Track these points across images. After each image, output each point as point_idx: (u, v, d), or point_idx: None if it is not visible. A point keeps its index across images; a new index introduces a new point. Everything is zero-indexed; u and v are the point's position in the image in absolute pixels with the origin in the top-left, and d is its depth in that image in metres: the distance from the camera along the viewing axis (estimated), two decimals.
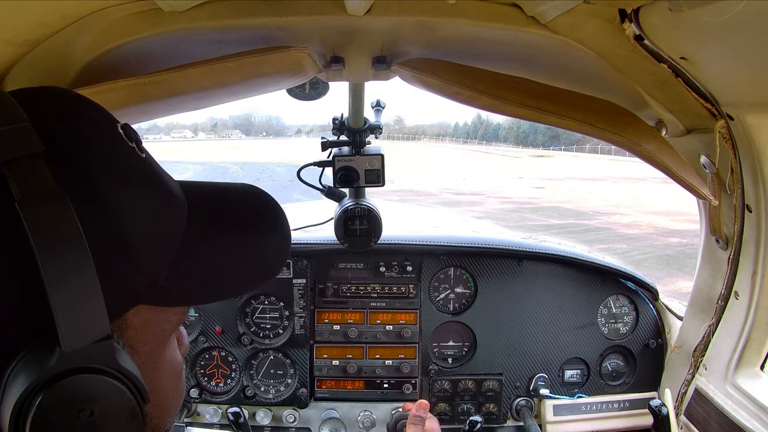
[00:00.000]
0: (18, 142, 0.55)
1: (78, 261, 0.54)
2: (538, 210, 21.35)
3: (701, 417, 1.65)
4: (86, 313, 0.55)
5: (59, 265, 0.53)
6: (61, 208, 0.54)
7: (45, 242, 0.53)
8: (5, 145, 0.55)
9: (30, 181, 0.54)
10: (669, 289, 9.18)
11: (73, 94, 0.70)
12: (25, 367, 0.54)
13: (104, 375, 0.57)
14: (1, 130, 0.55)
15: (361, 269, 2.12)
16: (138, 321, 0.66)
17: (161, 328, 0.71)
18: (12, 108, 0.58)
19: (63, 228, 0.54)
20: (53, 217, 0.54)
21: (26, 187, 0.54)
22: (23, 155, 0.55)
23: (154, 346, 0.71)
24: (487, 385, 2.11)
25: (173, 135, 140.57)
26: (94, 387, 0.56)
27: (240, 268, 0.78)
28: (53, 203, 0.54)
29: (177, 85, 1.16)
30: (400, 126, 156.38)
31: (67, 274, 0.53)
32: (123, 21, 1.08)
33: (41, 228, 0.53)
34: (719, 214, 1.48)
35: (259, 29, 1.16)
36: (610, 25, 1.08)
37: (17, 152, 0.55)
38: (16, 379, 0.54)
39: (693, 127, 1.34)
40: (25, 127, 0.57)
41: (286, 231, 0.84)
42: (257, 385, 2.13)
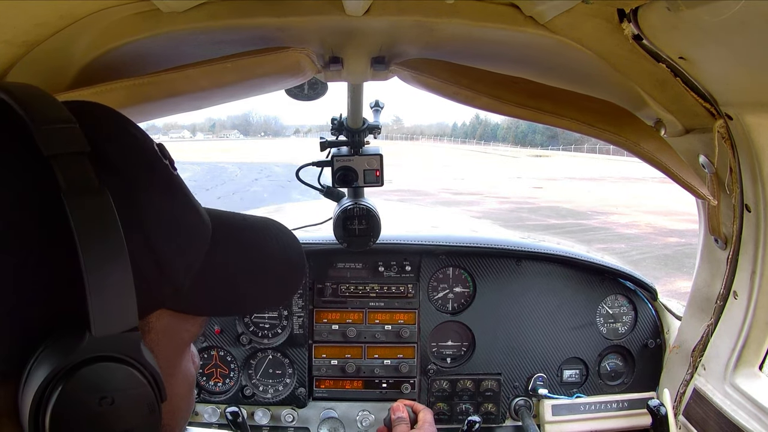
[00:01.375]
0: (67, 139, 0.59)
1: (114, 252, 0.57)
2: (537, 210, 21.38)
3: (700, 417, 1.65)
4: (118, 301, 0.57)
5: (97, 252, 0.55)
6: (103, 202, 0.57)
7: (86, 231, 0.55)
8: (56, 141, 0.58)
9: (76, 175, 0.57)
10: (668, 289, 9.22)
11: (111, 110, 0.74)
12: (53, 350, 0.56)
13: (128, 366, 0.58)
14: (53, 127, 0.59)
15: (359, 269, 2.12)
16: (159, 326, 0.68)
17: (180, 336, 0.73)
18: (61, 110, 0.62)
19: (103, 220, 0.57)
20: (95, 210, 0.57)
21: (72, 180, 0.57)
22: (71, 152, 0.59)
23: (172, 353, 0.72)
24: (486, 384, 2.11)
25: (171, 135, 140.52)
26: (117, 376, 0.58)
27: (258, 288, 0.82)
28: (96, 197, 0.57)
29: (176, 85, 1.16)
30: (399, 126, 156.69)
31: (103, 262, 0.56)
32: (122, 22, 1.08)
33: (84, 217, 0.56)
34: (718, 214, 1.49)
35: (258, 30, 1.16)
36: (609, 25, 1.08)
37: (66, 148, 0.58)
38: (42, 361, 0.55)
39: (692, 127, 1.34)
40: (73, 127, 0.60)
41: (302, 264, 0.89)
42: (256, 385, 2.13)
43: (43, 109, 0.61)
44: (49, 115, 0.60)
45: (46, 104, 0.62)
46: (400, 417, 1.58)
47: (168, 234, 0.67)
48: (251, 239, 0.83)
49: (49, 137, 0.58)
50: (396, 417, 1.58)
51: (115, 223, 0.57)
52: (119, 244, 0.57)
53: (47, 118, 0.59)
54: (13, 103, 0.60)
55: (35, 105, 0.61)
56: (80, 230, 0.55)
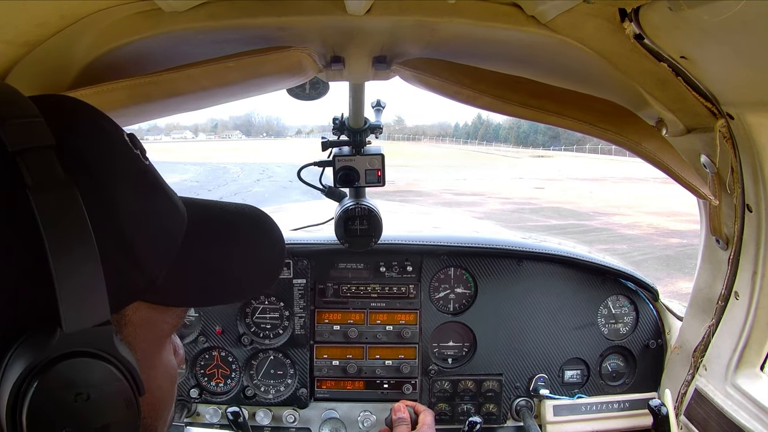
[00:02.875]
0: (31, 133, 0.58)
1: (83, 247, 0.56)
2: (538, 210, 21.34)
3: (701, 417, 1.65)
4: (88, 296, 0.56)
5: (65, 248, 0.55)
6: (70, 197, 0.57)
7: (53, 226, 0.55)
8: (20, 136, 0.58)
9: (41, 169, 0.57)
10: (669, 290, 9.19)
11: (78, 101, 0.73)
12: (26, 347, 0.56)
13: (102, 360, 0.58)
14: (17, 122, 0.58)
15: (361, 269, 2.12)
16: (136, 318, 0.67)
17: (159, 328, 0.73)
18: (25, 103, 0.61)
19: (71, 215, 0.56)
20: (62, 204, 0.56)
21: (37, 175, 0.56)
22: (36, 146, 0.58)
23: (151, 345, 0.72)
24: (487, 385, 2.11)
25: (173, 136, 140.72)
26: (91, 371, 0.57)
27: (237, 275, 0.81)
28: (62, 191, 0.57)
29: (177, 85, 1.16)
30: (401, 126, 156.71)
31: (71, 258, 0.55)
32: (123, 21, 1.08)
33: (50, 213, 0.55)
34: (719, 214, 1.48)
35: (259, 29, 1.16)
36: (610, 25, 1.08)
37: (31, 143, 0.58)
38: (16, 359, 0.55)
39: (693, 127, 1.34)
40: (38, 121, 0.60)
41: (281, 242, 0.88)
42: (257, 386, 2.13)
43: (7, 104, 0.60)
44: (14, 109, 0.60)
45: (11, 99, 0.62)
46: (401, 417, 1.58)
47: (141, 225, 0.67)
48: (227, 225, 0.82)
49: (13, 132, 0.58)
50: (397, 417, 1.58)
51: (83, 217, 0.57)
52: (87, 239, 0.56)
53: (12, 113, 0.59)
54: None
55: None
56: (46, 225, 0.55)
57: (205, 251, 0.77)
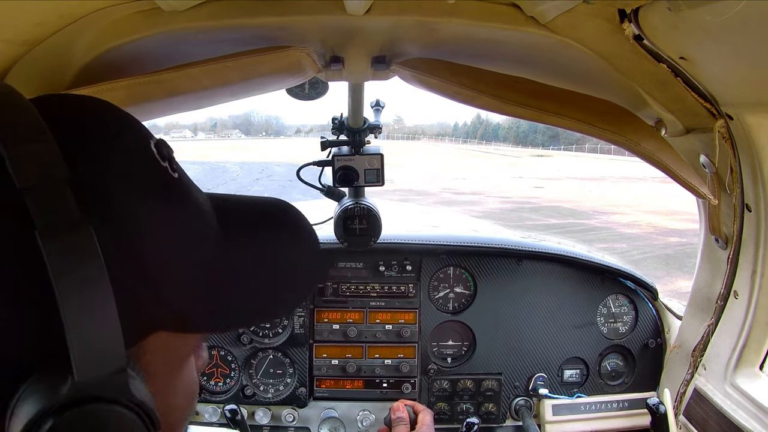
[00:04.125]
0: (42, 164, 0.51)
1: (96, 292, 0.51)
2: (538, 209, 21.36)
3: (700, 417, 1.65)
4: (102, 343, 0.52)
5: (76, 295, 0.50)
6: (83, 238, 0.51)
7: (63, 275, 0.50)
8: (28, 169, 0.50)
9: (52, 209, 0.50)
10: (669, 289, 9.21)
11: (101, 106, 0.66)
12: (34, 393, 0.51)
13: (117, 405, 0.53)
14: (27, 149, 0.51)
15: (360, 268, 2.12)
16: (156, 346, 0.62)
17: (182, 351, 0.69)
18: (36, 123, 0.54)
19: (84, 261, 0.51)
20: (74, 249, 0.50)
21: (48, 216, 0.50)
22: (48, 180, 0.51)
23: (171, 370, 0.68)
24: (486, 384, 2.11)
25: (173, 135, 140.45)
26: (105, 417, 0.53)
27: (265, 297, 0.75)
28: (75, 233, 0.51)
29: (177, 84, 1.16)
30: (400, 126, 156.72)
31: (83, 305, 0.50)
32: (123, 20, 1.08)
33: (61, 259, 0.50)
34: (719, 214, 1.48)
35: (259, 29, 1.16)
36: (610, 25, 1.08)
37: (40, 177, 0.51)
38: (24, 404, 0.51)
39: (692, 127, 1.34)
40: (49, 148, 0.52)
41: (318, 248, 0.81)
42: (256, 385, 2.13)
43: (13, 122, 0.53)
44: (20, 131, 0.52)
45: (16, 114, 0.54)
46: (400, 417, 1.57)
47: (165, 254, 0.61)
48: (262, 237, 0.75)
49: (22, 165, 0.50)
50: (396, 417, 1.58)
51: (97, 262, 0.51)
52: (101, 285, 0.51)
53: (18, 136, 0.52)
54: None
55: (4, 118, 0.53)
56: (56, 274, 0.49)
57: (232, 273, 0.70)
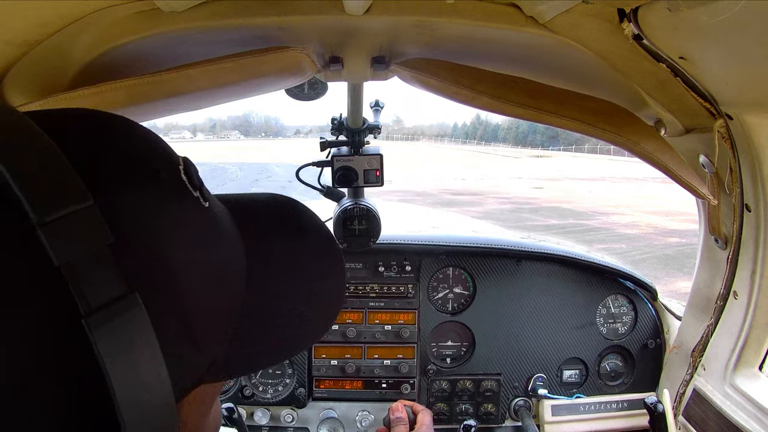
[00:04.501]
0: (82, 236, 0.43)
1: (151, 369, 0.46)
2: (537, 210, 21.34)
3: (699, 417, 1.65)
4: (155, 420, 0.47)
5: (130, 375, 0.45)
6: (134, 313, 0.45)
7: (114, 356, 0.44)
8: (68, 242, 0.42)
9: (97, 287, 0.43)
10: (668, 289, 9.21)
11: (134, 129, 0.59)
12: None
13: None
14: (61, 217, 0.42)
15: (359, 269, 2.12)
16: (193, 397, 0.59)
17: (213, 393, 0.67)
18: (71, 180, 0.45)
19: (134, 337, 0.45)
20: (124, 329, 0.44)
21: (93, 296, 0.43)
22: (86, 254, 0.43)
23: (204, 412, 0.66)
24: (486, 385, 2.11)
25: (172, 136, 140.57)
26: None
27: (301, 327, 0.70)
28: (125, 313, 0.44)
29: (176, 85, 1.16)
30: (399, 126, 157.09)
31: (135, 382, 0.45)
32: (122, 21, 1.08)
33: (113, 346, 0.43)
34: (718, 214, 1.48)
35: (258, 29, 1.16)
36: (609, 25, 1.08)
37: (80, 250, 0.43)
38: None
39: (692, 127, 1.34)
40: (88, 209, 0.44)
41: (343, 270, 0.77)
42: (255, 385, 2.12)
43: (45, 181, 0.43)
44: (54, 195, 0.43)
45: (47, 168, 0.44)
46: (399, 417, 1.57)
47: (203, 304, 0.55)
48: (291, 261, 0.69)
49: (58, 238, 0.42)
50: (395, 417, 1.58)
51: (150, 338, 0.46)
52: (155, 357, 0.46)
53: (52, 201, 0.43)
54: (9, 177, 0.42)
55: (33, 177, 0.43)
56: (107, 358, 0.43)
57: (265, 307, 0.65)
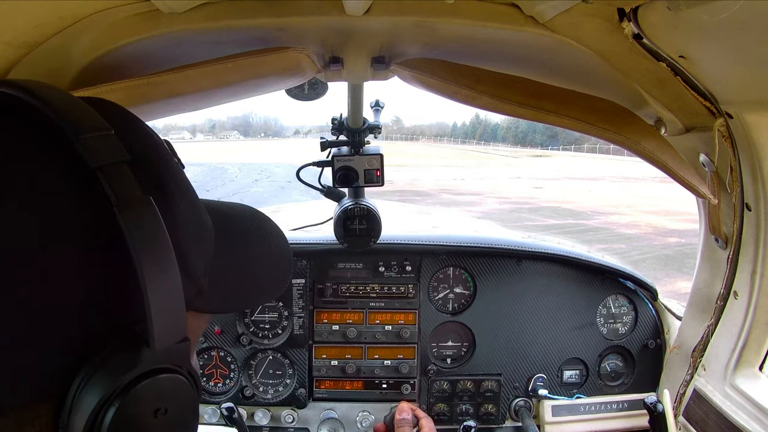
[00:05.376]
0: (109, 149, 0.56)
1: (167, 264, 0.56)
2: (537, 210, 21.34)
3: (700, 418, 1.65)
4: (174, 313, 0.57)
5: (154, 265, 0.54)
6: (153, 214, 0.56)
7: (143, 245, 0.54)
8: (99, 151, 0.56)
9: (123, 187, 0.55)
10: (668, 289, 9.20)
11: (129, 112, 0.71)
12: (108, 364, 0.55)
13: (180, 375, 0.60)
14: (93, 136, 0.56)
15: (360, 269, 2.12)
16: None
17: (195, 333, 0.73)
18: (95, 116, 0.59)
19: (156, 233, 0.55)
20: (148, 222, 0.55)
21: (120, 193, 0.54)
22: (114, 162, 0.56)
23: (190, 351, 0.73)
24: (486, 385, 2.11)
25: (171, 136, 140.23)
26: (171, 386, 0.59)
27: (256, 279, 0.81)
28: (145, 209, 0.55)
29: (176, 86, 1.16)
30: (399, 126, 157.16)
31: (160, 275, 0.55)
32: (122, 22, 1.08)
33: (138, 231, 0.54)
34: (718, 213, 1.48)
35: (258, 30, 1.16)
36: (609, 24, 1.08)
37: (110, 159, 0.56)
38: (101, 375, 0.54)
39: (692, 126, 1.34)
40: (110, 134, 0.58)
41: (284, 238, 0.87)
42: (256, 386, 2.12)
43: (77, 114, 0.58)
44: (87, 121, 0.57)
45: (77, 109, 0.59)
46: (406, 419, 1.56)
47: (191, 236, 0.66)
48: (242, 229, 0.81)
49: (91, 148, 0.55)
50: (401, 417, 1.57)
51: (164, 234, 0.56)
52: (170, 255, 0.56)
53: (85, 126, 0.57)
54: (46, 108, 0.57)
55: (68, 110, 0.58)
56: (135, 243, 0.53)
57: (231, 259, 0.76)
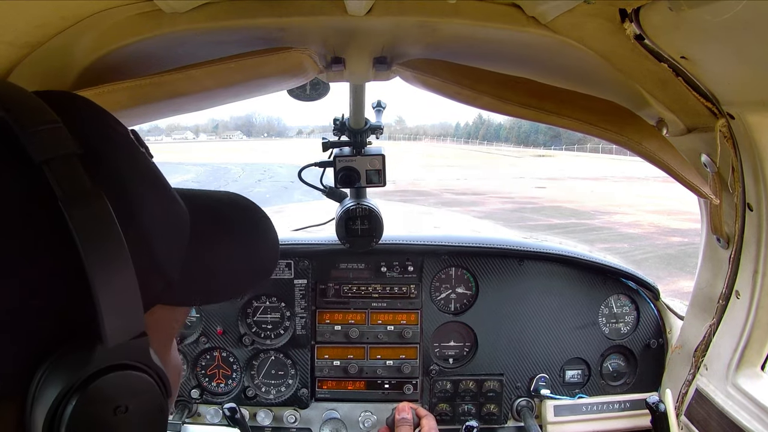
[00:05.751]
0: (56, 142, 0.56)
1: (118, 258, 0.54)
2: (540, 210, 21.34)
3: (702, 417, 1.65)
4: (127, 309, 0.55)
5: (102, 260, 0.53)
6: (101, 206, 0.54)
7: (89, 238, 0.53)
8: (45, 144, 0.55)
9: (70, 180, 0.54)
10: (671, 289, 9.18)
11: (84, 99, 0.71)
12: (65, 362, 0.54)
13: (139, 371, 0.58)
14: (40, 129, 0.55)
15: (362, 269, 2.12)
16: (152, 321, 0.65)
17: (170, 327, 0.73)
18: (44, 109, 0.58)
19: (104, 225, 0.54)
20: (95, 215, 0.54)
21: (67, 186, 0.54)
22: (61, 154, 0.55)
23: (162, 345, 0.72)
24: (488, 385, 2.11)
25: (174, 136, 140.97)
26: (130, 383, 0.57)
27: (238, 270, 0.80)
28: (94, 202, 0.54)
29: (178, 86, 1.16)
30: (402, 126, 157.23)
31: (109, 270, 0.54)
32: (124, 22, 1.08)
33: (85, 225, 0.53)
34: (720, 213, 1.48)
35: (260, 30, 1.16)
36: (611, 25, 1.08)
37: (56, 151, 0.55)
38: (54, 374, 0.54)
39: (694, 126, 1.34)
40: (59, 127, 0.57)
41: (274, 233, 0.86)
42: (258, 386, 2.13)
43: (25, 107, 0.57)
44: (33, 114, 0.57)
45: (26, 101, 0.59)
46: (405, 418, 1.57)
47: (158, 227, 0.65)
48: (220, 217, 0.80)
49: (37, 141, 0.55)
50: (401, 417, 1.57)
51: (116, 228, 0.55)
52: (122, 249, 0.55)
53: (32, 119, 0.56)
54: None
55: (15, 103, 0.57)
56: (83, 238, 0.53)
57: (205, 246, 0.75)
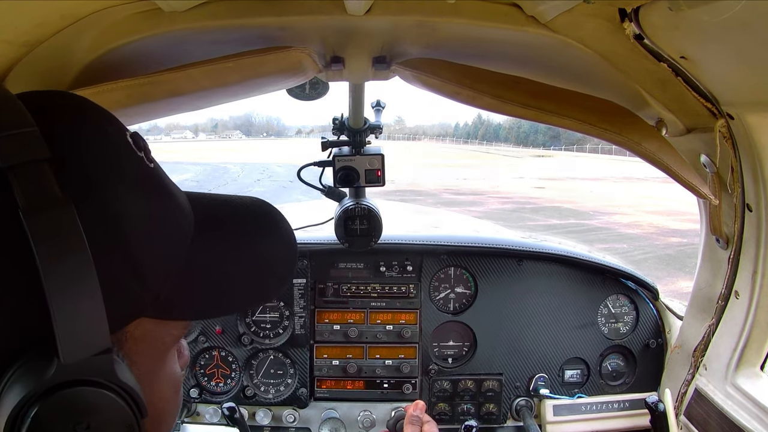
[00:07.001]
0: (24, 147, 0.54)
1: (80, 272, 0.52)
2: (539, 210, 21.34)
3: (701, 417, 1.65)
4: (87, 325, 0.53)
5: (61, 275, 0.51)
6: (66, 217, 0.52)
7: (47, 252, 0.51)
8: (11, 150, 0.53)
9: (35, 188, 0.53)
10: (670, 289, 9.19)
11: (82, 100, 0.69)
12: (22, 376, 0.53)
13: (102, 388, 0.55)
14: (8, 134, 0.54)
15: (361, 269, 2.12)
16: (138, 333, 0.64)
17: (162, 341, 0.70)
18: (19, 111, 0.57)
19: (66, 238, 0.52)
20: (57, 227, 0.52)
21: (30, 195, 0.52)
22: (29, 161, 0.53)
23: (153, 359, 0.69)
24: (487, 385, 2.11)
25: (174, 136, 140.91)
26: (91, 400, 0.55)
27: (244, 280, 0.77)
28: (57, 212, 0.52)
29: (177, 85, 1.16)
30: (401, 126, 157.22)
31: (68, 285, 0.52)
32: (123, 21, 1.08)
33: (44, 237, 0.51)
34: (719, 214, 1.48)
35: (259, 29, 1.16)
36: (610, 25, 1.08)
37: (23, 157, 0.53)
38: (12, 388, 0.53)
39: (693, 127, 1.34)
40: (32, 131, 0.55)
41: (292, 241, 0.82)
42: (257, 385, 2.13)
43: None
44: (5, 118, 0.55)
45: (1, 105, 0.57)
46: (418, 416, 1.50)
47: (145, 238, 0.62)
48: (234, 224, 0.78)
49: (6, 145, 0.53)
50: (415, 414, 1.49)
51: (80, 240, 0.52)
52: (84, 263, 0.52)
53: (2, 123, 0.55)
54: None
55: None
56: (41, 251, 0.51)
57: (210, 256, 0.72)
